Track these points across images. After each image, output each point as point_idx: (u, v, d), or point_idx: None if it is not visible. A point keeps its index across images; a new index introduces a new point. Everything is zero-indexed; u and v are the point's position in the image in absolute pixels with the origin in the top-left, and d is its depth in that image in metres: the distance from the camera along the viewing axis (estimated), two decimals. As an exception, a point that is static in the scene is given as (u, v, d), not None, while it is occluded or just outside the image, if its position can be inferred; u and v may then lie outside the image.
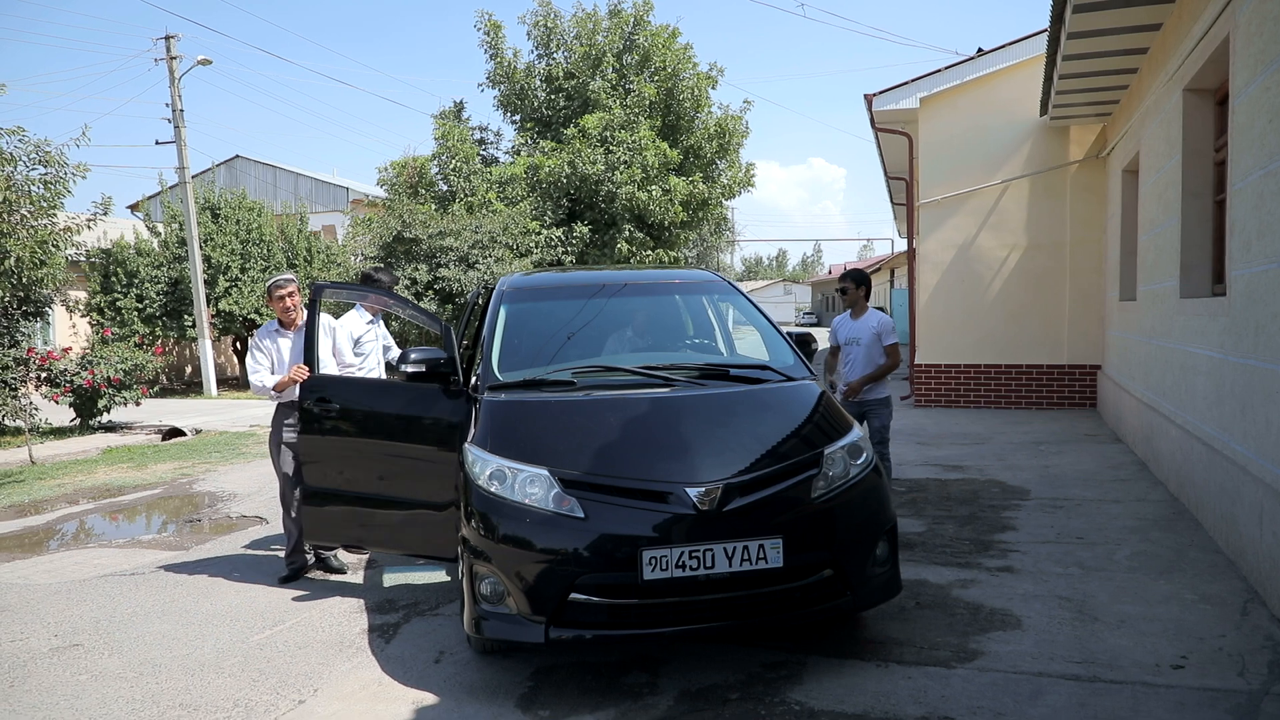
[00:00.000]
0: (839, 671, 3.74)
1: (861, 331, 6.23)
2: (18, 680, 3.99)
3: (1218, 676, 3.58)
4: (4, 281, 7.53)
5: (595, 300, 5.23)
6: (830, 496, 3.75)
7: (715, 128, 22.18)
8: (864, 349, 6.19)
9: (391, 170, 21.61)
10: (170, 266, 20.05)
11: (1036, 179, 11.70)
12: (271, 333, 5.56)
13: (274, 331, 5.55)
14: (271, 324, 5.59)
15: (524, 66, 22.53)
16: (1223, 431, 5.31)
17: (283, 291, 5.48)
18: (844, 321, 6.42)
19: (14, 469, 10.14)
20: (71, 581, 5.54)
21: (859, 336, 6.24)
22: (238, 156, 34.36)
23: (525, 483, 3.65)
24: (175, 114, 19.62)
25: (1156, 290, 7.55)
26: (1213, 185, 6.41)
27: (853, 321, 6.34)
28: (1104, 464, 7.96)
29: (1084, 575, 4.89)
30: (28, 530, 7.20)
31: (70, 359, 12.76)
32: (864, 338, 6.21)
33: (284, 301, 5.48)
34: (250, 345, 5.58)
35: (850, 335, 6.31)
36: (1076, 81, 8.89)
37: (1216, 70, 5.86)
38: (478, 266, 17.51)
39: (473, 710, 3.52)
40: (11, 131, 7.58)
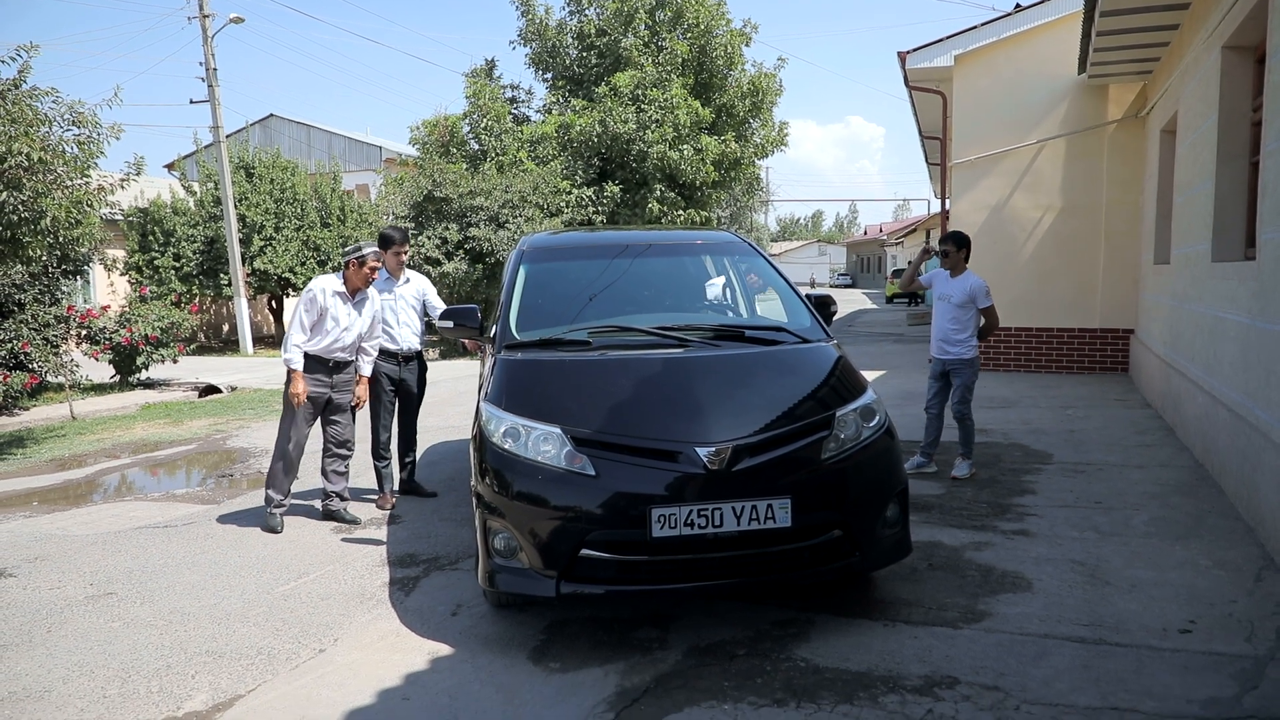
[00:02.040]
0: (846, 630, 3.80)
1: (954, 290, 6.36)
2: (54, 626, 4.17)
3: (1224, 641, 3.59)
4: (41, 241, 7.68)
5: (615, 261, 5.26)
6: (841, 458, 3.78)
7: (748, 86, 21.90)
8: (952, 307, 6.33)
9: (423, 129, 21.65)
10: (206, 225, 20.31)
11: (1072, 139, 11.45)
12: (334, 295, 5.51)
13: (337, 294, 5.52)
14: (335, 281, 5.55)
15: (555, 24, 22.36)
16: (1248, 398, 5.23)
17: (375, 264, 5.57)
18: (942, 276, 6.51)
19: (55, 424, 10.45)
20: (107, 533, 5.74)
21: (950, 294, 6.37)
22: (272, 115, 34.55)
23: (538, 440, 3.71)
24: (209, 73, 19.73)
25: (1189, 254, 7.40)
26: (1249, 147, 6.25)
27: (950, 280, 6.43)
28: (1130, 429, 7.89)
29: (1099, 540, 4.88)
30: (68, 483, 7.44)
31: (109, 317, 13.06)
32: (955, 296, 6.34)
33: (375, 274, 5.59)
34: (302, 302, 5.49)
35: (943, 291, 6.44)
36: (1115, 39, 8.66)
37: (1256, 26, 5.69)
38: (508, 226, 17.57)
39: (486, 661, 3.62)
40: (45, 92, 7.69)
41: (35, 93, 7.63)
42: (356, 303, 5.59)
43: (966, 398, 6.36)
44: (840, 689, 3.29)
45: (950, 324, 6.34)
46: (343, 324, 5.53)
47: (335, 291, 5.51)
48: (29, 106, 7.49)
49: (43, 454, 8.62)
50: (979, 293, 6.30)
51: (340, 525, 5.65)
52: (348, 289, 5.55)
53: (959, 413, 6.33)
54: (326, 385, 5.62)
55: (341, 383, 5.67)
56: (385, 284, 5.91)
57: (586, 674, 3.49)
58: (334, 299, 5.49)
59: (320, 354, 5.51)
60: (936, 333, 6.48)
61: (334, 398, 5.66)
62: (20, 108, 7.35)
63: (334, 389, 5.64)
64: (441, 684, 3.45)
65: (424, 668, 3.61)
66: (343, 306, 5.52)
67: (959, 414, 6.34)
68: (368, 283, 5.56)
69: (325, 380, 5.60)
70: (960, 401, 6.33)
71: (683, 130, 20.28)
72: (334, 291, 5.51)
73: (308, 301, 5.47)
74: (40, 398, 12.07)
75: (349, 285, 5.56)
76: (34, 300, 11.71)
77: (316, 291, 5.48)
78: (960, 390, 6.34)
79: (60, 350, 11.92)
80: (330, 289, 5.51)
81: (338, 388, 5.66)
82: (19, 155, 7.11)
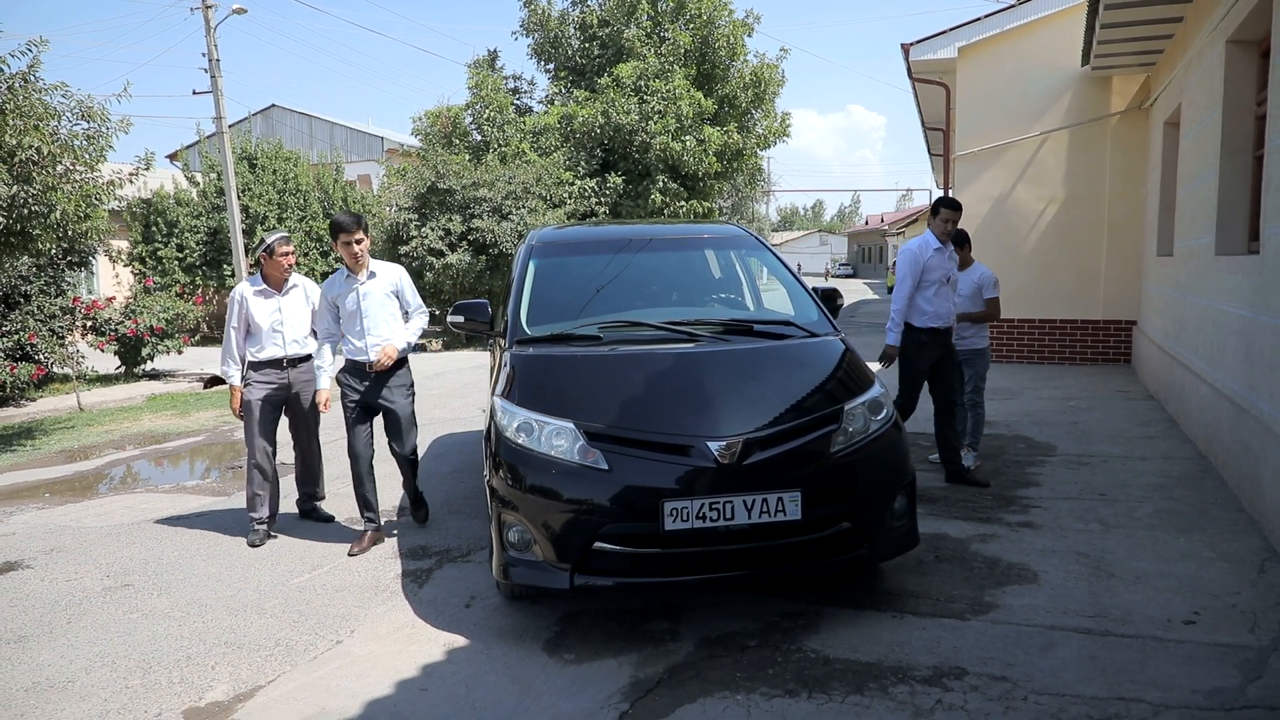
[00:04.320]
0: (855, 622, 3.86)
1: (962, 283, 6.37)
2: (74, 617, 4.23)
3: (1228, 632, 3.65)
4: (51, 234, 7.72)
5: (623, 255, 5.30)
6: (850, 451, 3.83)
7: (750, 77, 21.86)
8: (962, 299, 6.35)
9: (426, 120, 21.63)
10: (209, 216, 20.35)
11: (1076, 131, 11.46)
12: (255, 294, 5.28)
13: (257, 293, 5.29)
14: (255, 281, 5.33)
15: (558, 14, 22.32)
16: (1251, 391, 5.28)
17: (289, 249, 5.32)
18: None
19: (63, 415, 10.50)
20: (121, 524, 5.80)
21: (961, 290, 6.36)
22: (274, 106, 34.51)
23: (551, 435, 3.76)
24: (211, 64, 19.70)
25: (1193, 246, 7.44)
26: (1253, 140, 6.28)
27: (959, 273, 6.39)
28: (1134, 421, 7.94)
29: (1104, 531, 4.94)
30: (78, 475, 7.50)
31: (114, 308, 13.10)
32: (964, 288, 6.36)
33: (288, 258, 5.30)
34: (231, 302, 5.28)
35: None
36: (1119, 31, 8.67)
37: (1260, 20, 5.71)
38: (511, 217, 17.59)
39: (501, 652, 3.68)
40: (55, 87, 7.72)
41: (45, 87, 7.65)
42: (284, 295, 5.33)
43: (980, 387, 6.41)
44: (851, 679, 3.35)
45: None
46: (269, 322, 5.26)
47: (255, 291, 5.29)
48: (39, 101, 7.52)
49: (52, 445, 8.68)
50: (987, 283, 6.37)
51: (353, 518, 5.70)
52: (269, 285, 5.32)
53: (972, 401, 6.38)
54: (282, 384, 5.37)
55: (300, 380, 5.40)
56: (346, 283, 5.02)
57: (600, 665, 3.55)
58: (255, 299, 5.26)
59: (266, 359, 5.29)
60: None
61: (292, 396, 5.44)
62: (30, 102, 7.37)
63: (291, 387, 5.40)
64: (458, 675, 3.51)
65: (440, 659, 3.67)
66: (266, 304, 5.27)
67: (972, 403, 6.39)
68: (285, 270, 5.29)
69: (278, 377, 5.36)
70: (974, 391, 6.39)
71: (685, 121, 20.27)
72: (254, 291, 5.28)
73: (231, 309, 5.28)
74: (47, 389, 12.13)
75: (269, 281, 5.32)
76: (40, 292, 11.76)
77: (235, 296, 5.28)
78: (974, 380, 6.39)
79: (66, 341, 11.98)
80: (249, 290, 5.29)
81: (296, 385, 5.41)
82: (29, 149, 7.14)
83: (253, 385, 5.32)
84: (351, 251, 4.92)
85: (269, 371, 5.32)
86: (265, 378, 5.33)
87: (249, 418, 5.34)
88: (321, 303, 5.19)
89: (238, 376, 5.32)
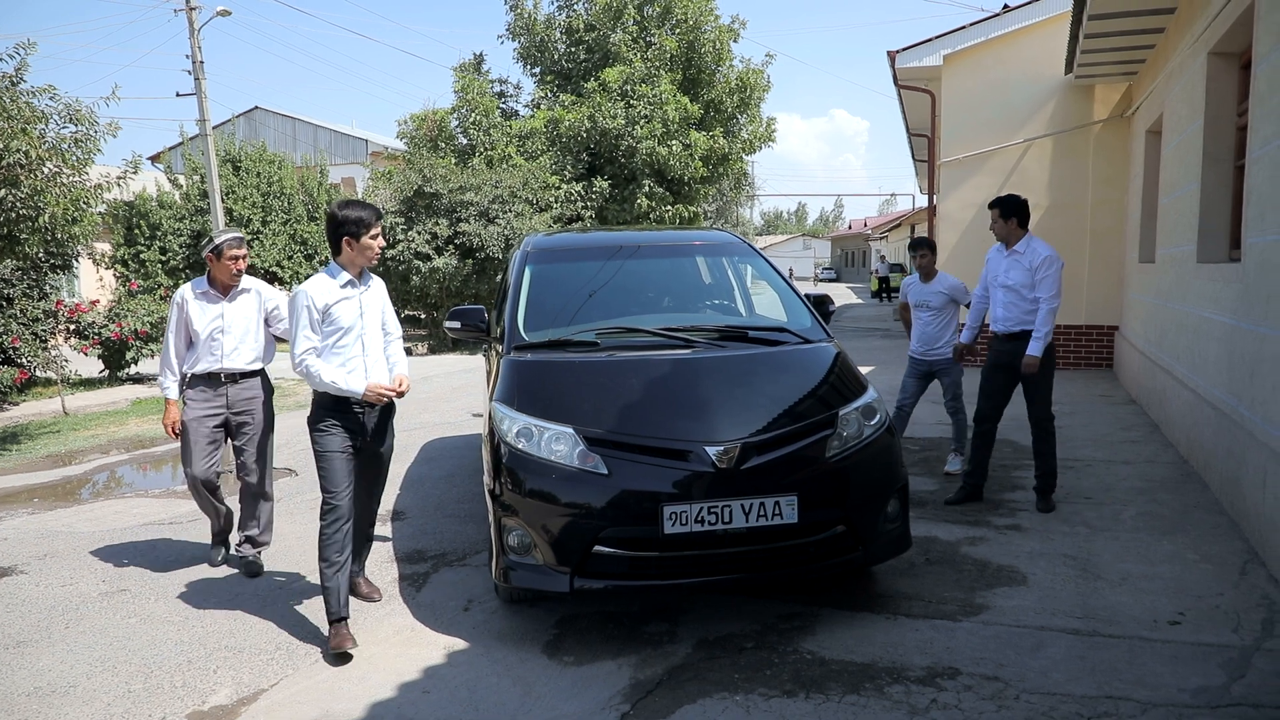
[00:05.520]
0: (850, 623, 3.92)
1: (931, 295, 6.42)
2: (72, 622, 4.23)
3: (1212, 632, 3.74)
4: (39, 238, 7.70)
5: (618, 261, 5.36)
6: (844, 456, 3.90)
7: (736, 82, 22.01)
8: (934, 312, 6.40)
9: (411, 123, 21.63)
10: (192, 219, 20.25)
11: (1059, 139, 11.62)
12: (199, 295, 4.75)
13: (202, 294, 4.76)
14: (198, 284, 4.79)
15: (544, 18, 22.38)
16: (1232, 396, 5.40)
17: (239, 251, 4.76)
18: (914, 284, 6.57)
19: (48, 420, 10.44)
20: (113, 529, 5.79)
21: (928, 300, 6.43)
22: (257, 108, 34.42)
23: (551, 440, 3.81)
24: (195, 65, 19.64)
25: (1175, 254, 7.57)
26: (1234, 150, 6.41)
27: (922, 285, 6.49)
28: (1116, 425, 8.06)
29: (1090, 534, 5.03)
30: (66, 480, 7.47)
31: (98, 311, 13.03)
32: (934, 301, 6.40)
33: (237, 262, 4.75)
34: (171, 306, 4.79)
35: (920, 299, 6.49)
36: (1103, 40, 8.82)
37: (1242, 34, 5.84)
38: (498, 221, 17.60)
39: (501, 655, 3.72)
40: (43, 90, 7.70)
41: (33, 89, 7.63)
42: (230, 301, 4.78)
43: (959, 394, 6.49)
44: (847, 680, 3.42)
45: (933, 328, 6.41)
46: (208, 330, 4.70)
47: (198, 294, 4.75)
48: (27, 104, 7.50)
49: (38, 450, 8.63)
50: (959, 291, 6.40)
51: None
52: (215, 289, 4.78)
53: (953, 409, 6.48)
54: (220, 405, 4.76)
55: (241, 399, 4.80)
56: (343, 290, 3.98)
57: (600, 667, 3.59)
58: (198, 302, 4.72)
59: (202, 373, 4.74)
60: (920, 337, 6.51)
61: (233, 419, 4.79)
62: (18, 105, 7.35)
63: (231, 408, 4.78)
64: (460, 677, 3.55)
65: (441, 662, 3.70)
66: (208, 309, 4.72)
67: (954, 409, 6.48)
68: (234, 275, 4.74)
69: (214, 397, 4.75)
70: (954, 398, 6.48)
71: (671, 126, 20.37)
72: (198, 294, 4.75)
73: (171, 313, 4.78)
74: (29, 393, 12.05)
75: (216, 284, 4.78)
76: (23, 295, 11.68)
77: (176, 299, 4.77)
78: (952, 388, 6.48)
79: (49, 345, 11.90)
80: (191, 293, 4.75)
81: (236, 406, 4.79)
82: (17, 153, 7.12)
83: (190, 403, 4.76)
84: (372, 252, 3.98)
85: (204, 389, 4.75)
86: (201, 395, 4.75)
87: (184, 440, 4.75)
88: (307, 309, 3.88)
89: (174, 389, 4.77)
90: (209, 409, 4.76)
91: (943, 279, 6.49)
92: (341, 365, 3.93)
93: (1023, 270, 5.47)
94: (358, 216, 3.91)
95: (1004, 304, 5.59)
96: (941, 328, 6.43)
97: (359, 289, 4.04)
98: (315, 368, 3.86)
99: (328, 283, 3.96)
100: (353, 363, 3.96)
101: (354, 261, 3.98)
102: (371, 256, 3.98)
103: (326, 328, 3.93)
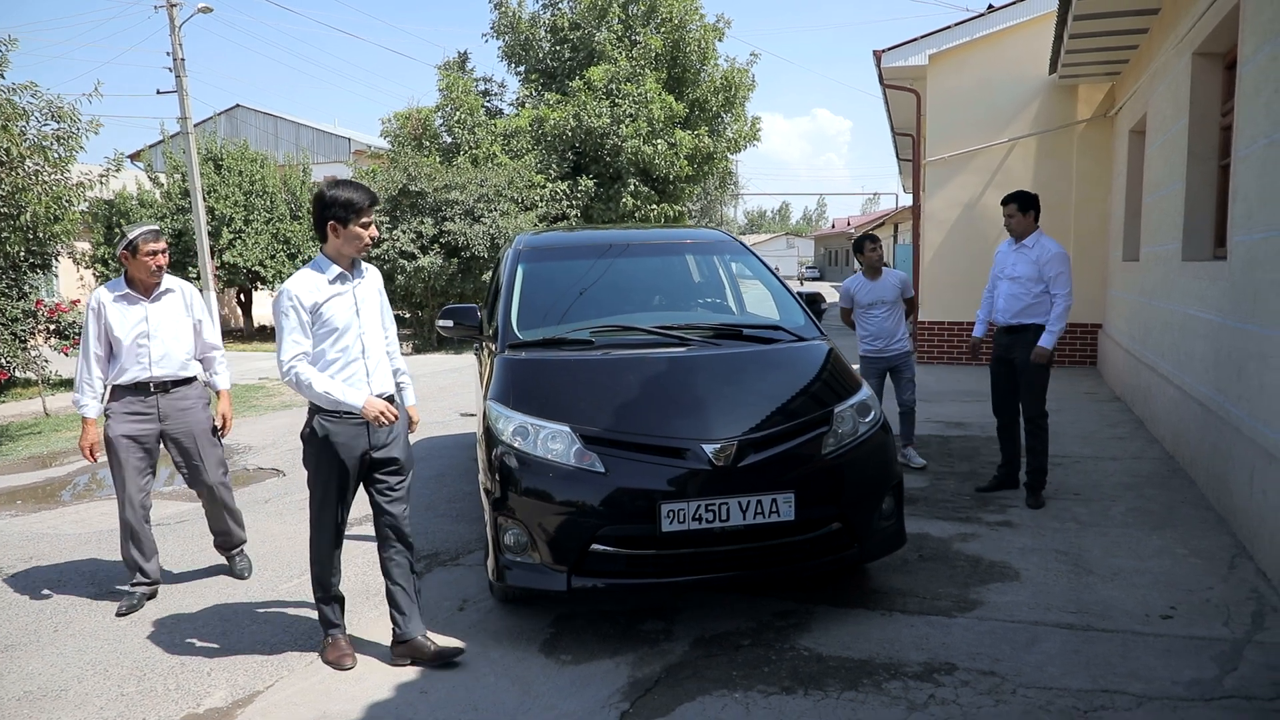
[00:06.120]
0: (845, 620, 3.93)
1: (885, 290, 6.49)
2: (60, 626, 4.18)
3: (1204, 626, 3.78)
4: (19, 237, 7.61)
5: (610, 260, 5.35)
6: (840, 453, 3.91)
7: (721, 81, 22.02)
8: (889, 307, 6.46)
9: (395, 121, 21.51)
10: (173, 218, 20.06)
11: (1043, 138, 11.71)
12: (118, 298, 4.32)
13: (122, 296, 4.32)
14: (115, 286, 4.36)
15: (529, 17, 22.33)
16: (1218, 393, 5.45)
17: (156, 246, 4.29)
18: (863, 285, 6.56)
19: (29, 420, 10.33)
20: (99, 531, 5.73)
21: (883, 296, 6.48)
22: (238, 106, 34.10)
23: (547, 439, 3.80)
24: (176, 63, 19.41)
25: (1159, 252, 7.64)
26: (1218, 150, 6.48)
27: (873, 283, 6.52)
28: (1102, 422, 8.13)
29: (1080, 530, 5.07)
30: (49, 481, 7.39)
31: (78, 311, 12.86)
32: (889, 296, 6.48)
33: (155, 259, 4.29)
34: (87, 312, 4.35)
35: (874, 297, 6.51)
36: (1087, 41, 8.88)
37: (1226, 34, 5.90)
38: (483, 220, 17.55)
39: (498, 655, 3.71)
40: (24, 87, 7.62)
41: (13, 86, 7.54)
42: (154, 302, 4.37)
43: (913, 387, 6.60)
44: (845, 676, 3.43)
45: (890, 322, 6.49)
46: (132, 336, 4.29)
47: (116, 297, 4.31)
48: (7, 101, 7.41)
49: (20, 452, 8.53)
50: (907, 285, 6.57)
51: None
52: (135, 290, 4.35)
53: (911, 402, 6.55)
54: (151, 419, 4.33)
55: (175, 410, 4.39)
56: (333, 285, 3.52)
57: (598, 665, 3.59)
58: (117, 305, 4.30)
59: (129, 383, 4.31)
60: (879, 333, 6.50)
61: (169, 433, 4.39)
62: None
63: (164, 421, 4.36)
64: (457, 677, 3.53)
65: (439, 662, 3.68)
66: (128, 312, 4.30)
67: (911, 403, 6.56)
68: (153, 273, 4.30)
69: (144, 407, 4.32)
70: (911, 392, 6.55)
71: (656, 125, 20.37)
72: (117, 296, 4.31)
73: (87, 322, 4.31)
74: (9, 394, 11.92)
75: (135, 285, 4.35)
76: (1, 294, 11.52)
77: (91, 304, 4.33)
78: (909, 383, 6.53)
79: (29, 345, 11.75)
80: (108, 296, 4.31)
81: (170, 419, 4.37)
82: (-1, 150, 7.04)
83: (114, 418, 4.29)
84: (362, 241, 3.50)
85: (131, 400, 4.30)
86: (128, 408, 4.29)
87: (113, 459, 4.30)
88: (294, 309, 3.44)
89: (94, 407, 4.29)
90: (139, 424, 4.30)
91: (891, 274, 6.57)
92: (339, 371, 3.50)
93: (1029, 264, 5.57)
94: (347, 199, 3.43)
95: (1006, 295, 5.70)
96: (896, 322, 6.51)
97: (351, 282, 3.56)
98: (307, 376, 3.41)
99: (315, 278, 3.48)
100: (352, 367, 3.53)
101: (341, 252, 3.51)
102: (360, 246, 3.48)
103: (318, 330, 3.46)
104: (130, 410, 4.30)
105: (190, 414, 4.44)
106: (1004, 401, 5.83)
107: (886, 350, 6.48)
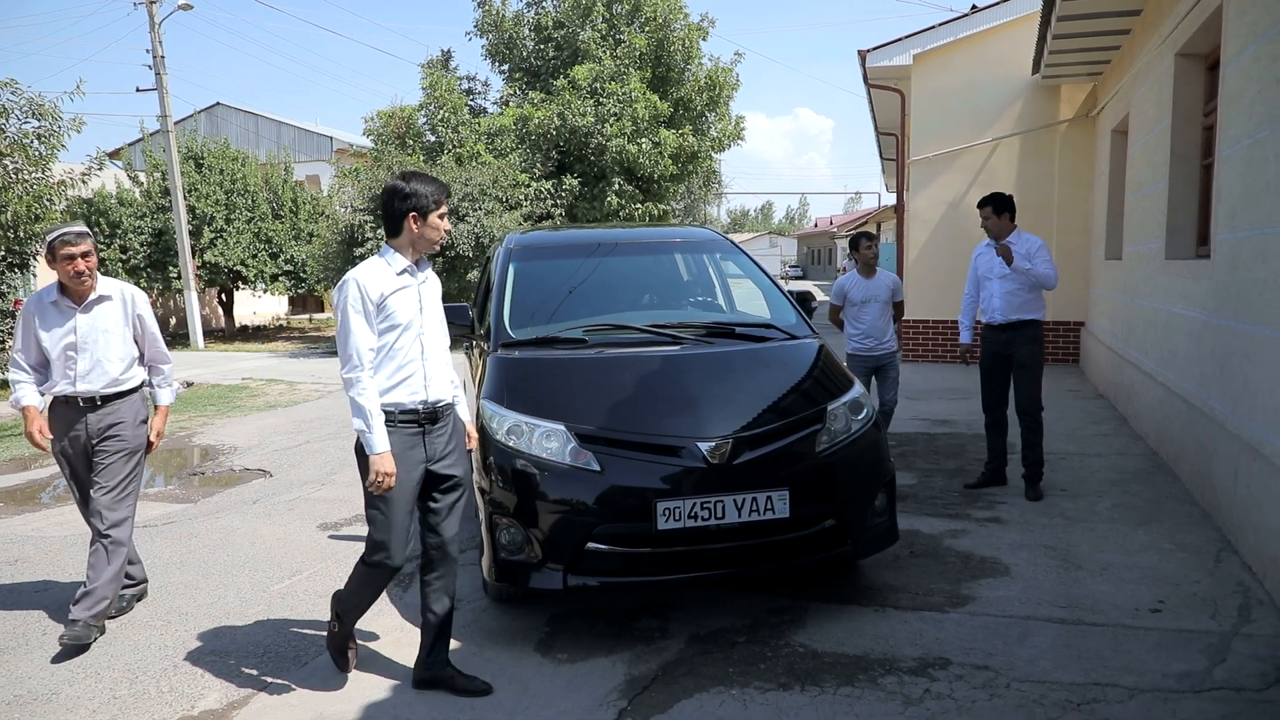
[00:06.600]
0: (839, 616, 3.96)
1: (878, 289, 6.49)
2: (49, 629, 4.14)
3: (1192, 619, 3.83)
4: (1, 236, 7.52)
5: (601, 258, 5.35)
6: (833, 450, 3.93)
7: (705, 80, 22.01)
8: (881, 305, 6.48)
9: (378, 120, 21.37)
10: (154, 217, 19.88)
11: (1026, 138, 11.81)
12: (49, 305, 4.01)
13: (53, 303, 4.01)
14: (49, 292, 4.04)
15: (512, 15, 22.24)
16: (1202, 389, 5.52)
17: (75, 249, 3.90)
18: (857, 282, 6.57)
19: (8, 422, 10.20)
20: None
21: (877, 294, 6.48)
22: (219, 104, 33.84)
23: (542, 437, 3.79)
24: (156, 60, 19.28)
25: (1142, 251, 7.72)
26: (1200, 149, 6.55)
27: (867, 281, 6.52)
28: (1086, 419, 8.21)
29: (1067, 526, 5.12)
30: (32, 483, 7.31)
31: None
32: (881, 295, 6.49)
33: (74, 263, 3.91)
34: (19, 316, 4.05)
35: (867, 295, 6.50)
36: (1070, 41, 8.96)
37: (1209, 36, 5.97)
38: (468, 219, 17.48)
39: (494, 654, 3.71)
40: (4, 84, 7.53)
41: (-6, 84, 7.46)
42: (85, 311, 4.04)
43: (897, 386, 6.62)
44: (840, 672, 3.45)
45: (882, 321, 6.48)
46: (59, 347, 3.98)
47: (50, 303, 4.01)
48: (-12, 99, 7.33)
49: (1, 454, 8.43)
50: (899, 286, 6.59)
51: (326, 523, 5.65)
52: (69, 297, 4.02)
53: (894, 401, 6.57)
54: (76, 432, 4.03)
55: (101, 428, 4.04)
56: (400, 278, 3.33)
57: (594, 664, 3.59)
58: (47, 313, 4.00)
59: (59, 396, 4.05)
60: (870, 331, 6.47)
61: (97, 445, 4.05)
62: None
63: (92, 438, 4.04)
64: (453, 676, 3.52)
65: (433, 661, 3.67)
66: (60, 320, 4.00)
67: (894, 401, 6.57)
68: (76, 278, 3.94)
69: (75, 424, 4.02)
70: (895, 391, 6.56)
71: (641, 124, 20.34)
72: (48, 303, 4.01)
73: (18, 322, 4.06)
74: (-11, 395, 11.75)
75: (67, 292, 4.02)
76: (-19, 295, 11.41)
77: (28, 307, 4.04)
78: (894, 382, 6.53)
79: (6, 346, 11.62)
80: (41, 303, 4.02)
81: (96, 436, 4.04)
82: (-21, 149, 6.96)
83: (54, 431, 4.06)
84: (438, 234, 3.34)
85: (64, 412, 4.05)
86: (60, 421, 4.05)
87: (64, 472, 4.18)
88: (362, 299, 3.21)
89: (29, 394, 3.99)
90: (70, 439, 4.04)
91: (883, 274, 6.59)
92: (396, 372, 3.30)
93: (1018, 258, 5.67)
94: (429, 189, 3.28)
95: (1001, 294, 5.77)
96: (886, 320, 6.53)
97: (417, 278, 3.38)
98: (365, 390, 3.17)
99: (383, 269, 3.28)
100: (410, 368, 3.32)
101: (415, 245, 3.33)
102: (437, 239, 3.33)
103: (380, 324, 3.26)
104: (62, 422, 4.05)
105: (118, 429, 4.06)
106: (996, 398, 5.89)
107: (876, 349, 6.49)
